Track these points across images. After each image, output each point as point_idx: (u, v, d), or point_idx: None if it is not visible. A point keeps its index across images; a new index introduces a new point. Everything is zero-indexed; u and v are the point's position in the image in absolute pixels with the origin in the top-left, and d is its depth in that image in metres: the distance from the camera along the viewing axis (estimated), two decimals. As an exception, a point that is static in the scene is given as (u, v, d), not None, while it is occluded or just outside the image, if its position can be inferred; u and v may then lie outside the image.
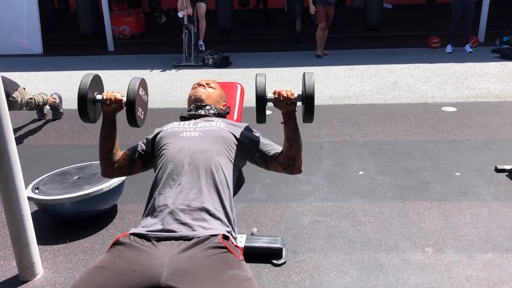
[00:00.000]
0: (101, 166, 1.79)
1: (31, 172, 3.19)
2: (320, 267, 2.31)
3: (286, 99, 1.66)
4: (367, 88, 5.66)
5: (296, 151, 1.71)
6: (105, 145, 1.75)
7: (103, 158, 1.77)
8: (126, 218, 2.85)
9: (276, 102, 1.67)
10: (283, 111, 1.70)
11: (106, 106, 1.71)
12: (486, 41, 8.06)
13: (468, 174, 3.29)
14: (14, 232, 2.20)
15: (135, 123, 1.74)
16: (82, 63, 7.58)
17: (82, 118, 1.70)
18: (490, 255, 2.36)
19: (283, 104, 1.67)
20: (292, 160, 1.72)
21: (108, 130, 1.74)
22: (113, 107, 1.71)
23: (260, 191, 3.13)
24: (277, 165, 1.74)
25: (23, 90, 4.15)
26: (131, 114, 1.71)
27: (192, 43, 7.34)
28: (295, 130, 1.71)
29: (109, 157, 1.76)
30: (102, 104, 1.71)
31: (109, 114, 1.72)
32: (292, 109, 1.69)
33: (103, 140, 1.75)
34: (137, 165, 1.81)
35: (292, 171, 1.75)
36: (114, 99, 1.70)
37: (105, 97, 1.70)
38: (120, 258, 1.39)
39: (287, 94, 1.66)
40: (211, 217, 1.52)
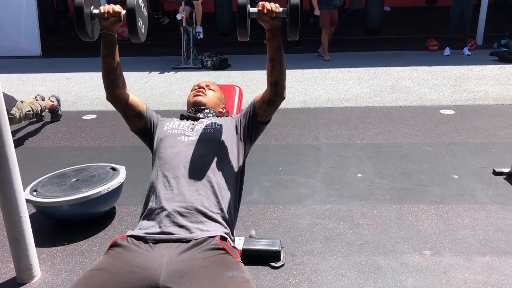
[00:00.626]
0: (105, 89, 1.73)
1: (29, 174, 3.18)
2: (318, 270, 2.31)
3: (270, 12, 1.56)
4: (365, 90, 5.67)
5: (279, 73, 1.67)
6: (106, 64, 1.69)
7: (106, 80, 1.71)
8: (124, 220, 2.84)
9: (259, 15, 1.58)
10: (267, 26, 1.61)
11: (104, 20, 1.63)
12: (484, 44, 8.08)
13: (466, 177, 3.29)
14: (12, 234, 2.20)
15: (137, 36, 1.66)
16: (80, 65, 7.57)
17: (80, 34, 1.63)
18: (488, 258, 2.36)
19: (267, 18, 1.58)
20: (274, 85, 1.68)
21: (108, 47, 1.67)
22: (111, 20, 1.63)
23: (259, 194, 3.13)
24: (262, 104, 1.73)
25: (21, 104, 4.07)
26: (132, 26, 1.61)
27: (190, 45, 7.35)
28: (278, 48, 1.65)
29: (112, 78, 1.70)
30: (100, 18, 1.64)
31: (108, 29, 1.65)
32: (277, 25, 1.61)
33: (103, 59, 1.69)
34: (139, 122, 1.78)
35: (276, 99, 1.70)
36: (113, 11, 1.62)
37: (102, 11, 1.63)
38: (118, 260, 1.39)
39: (271, 6, 1.56)
40: (208, 220, 1.52)
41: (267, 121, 1.79)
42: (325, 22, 7.36)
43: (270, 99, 1.71)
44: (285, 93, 1.71)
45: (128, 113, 1.77)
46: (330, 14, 7.26)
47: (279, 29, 1.62)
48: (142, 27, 1.71)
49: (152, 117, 1.82)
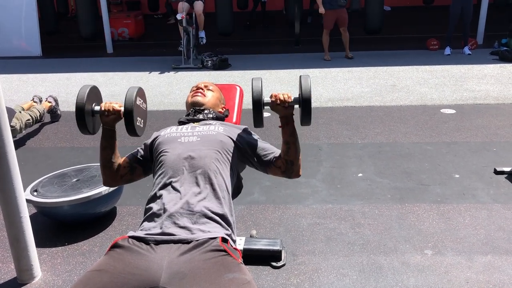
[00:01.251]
0: (103, 176, 1.79)
1: (30, 174, 3.18)
2: (320, 270, 2.30)
3: (283, 102, 1.64)
4: (366, 90, 5.66)
5: (294, 154, 1.70)
6: (105, 155, 1.75)
7: (104, 168, 1.76)
8: (125, 221, 2.84)
9: (273, 105, 1.66)
10: (280, 114, 1.68)
11: (104, 117, 1.70)
12: (485, 43, 8.07)
13: (467, 176, 3.29)
14: (12, 234, 2.19)
15: (134, 133, 1.73)
16: (81, 65, 7.58)
17: (81, 130, 1.70)
18: (490, 257, 2.36)
19: (280, 108, 1.65)
20: (290, 163, 1.71)
21: (108, 141, 1.74)
22: (111, 118, 1.70)
23: (259, 193, 3.13)
24: (276, 169, 1.73)
25: (20, 114, 4.06)
26: (129, 125, 1.70)
27: (191, 45, 7.35)
28: (292, 133, 1.70)
29: (110, 166, 1.76)
30: (101, 115, 1.71)
31: (108, 125, 1.72)
32: (290, 112, 1.68)
33: (103, 150, 1.74)
34: (137, 172, 1.80)
35: (291, 175, 1.73)
36: (112, 110, 1.69)
37: (103, 109, 1.69)
38: (118, 261, 1.38)
39: (284, 97, 1.64)
40: (209, 221, 1.51)
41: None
42: (327, 23, 7.34)
43: (286, 174, 1.72)
44: (301, 171, 1.74)
45: (130, 179, 1.81)
46: (335, 14, 7.23)
47: (291, 116, 1.69)
48: (141, 123, 1.80)
49: (142, 152, 1.81)
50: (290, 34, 9.18)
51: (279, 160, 1.72)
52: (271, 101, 1.65)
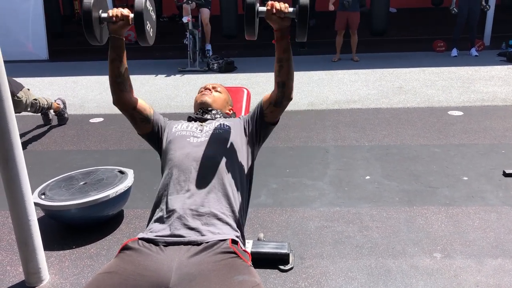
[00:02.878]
0: (112, 94, 1.72)
1: (37, 177, 3.19)
2: (328, 273, 2.29)
3: (279, 12, 1.54)
4: (372, 92, 5.64)
5: (287, 73, 1.66)
6: (114, 68, 1.68)
7: (114, 84, 1.70)
8: (132, 224, 2.84)
9: (268, 15, 1.55)
10: (275, 26, 1.59)
11: (112, 24, 1.63)
12: (492, 45, 8.04)
13: (476, 178, 3.26)
14: (20, 237, 2.20)
15: (145, 39, 1.66)
16: (87, 68, 7.61)
17: (88, 37, 1.62)
18: (500, 261, 2.33)
19: (276, 18, 1.55)
20: (281, 85, 1.66)
21: (116, 51, 1.66)
22: (120, 24, 1.62)
23: (266, 196, 3.12)
24: (269, 105, 1.71)
25: (28, 90, 4.18)
26: (140, 30, 1.61)
27: (196, 48, 7.36)
28: (287, 49, 1.64)
29: (120, 82, 1.69)
30: (108, 22, 1.64)
31: (116, 32, 1.64)
32: (285, 25, 1.59)
33: (111, 63, 1.68)
34: (146, 126, 1.77)
35: (283, 100, 1.69)
36: (121, 15, 1.61)
37: (111, 14, 1.62)
38: (128, 263, 1.38)
39: (281, 6, 1.54)
40: (219, 222, 1.51)
41: (274, 122, 1.78)
42: (337, 25, 7.36)
43: (277, 100, 1.69)
44: (292, 94, 1.70)
45: (136, 117, 1.76)
46: (345, 16, 7.22)
47: (287, 29, 1.61)
48: (151, 30, 1.71)
49: (159, 120, 1.81)
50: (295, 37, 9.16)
51: (267, 97, 1.72)
52: (267, 10, 1.55)
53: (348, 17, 7.22)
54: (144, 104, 1.78)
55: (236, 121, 1.82)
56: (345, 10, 7.17)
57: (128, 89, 1.72)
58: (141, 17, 1.61)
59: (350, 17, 7.22)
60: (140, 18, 1.61)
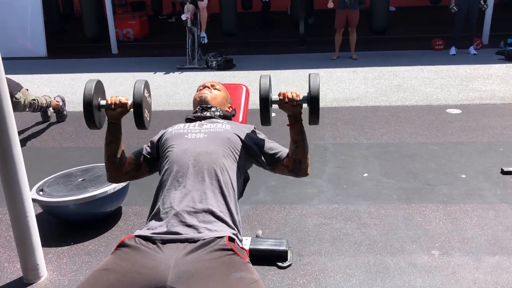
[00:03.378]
0: (107, 171, 1.77)
1: (36, 174, 3.18)
2: (326, 270, 2.29)
3: (291, 101, 1.63)
4: (371, 90, 5.65)
5: (302, 153, 1.69)
6: (110, 150, 1.73)
7: (109, 163, 1.75)
8: (130, 220, 2.84)
9: (281, 103, 1.65)
10: (288, 113, 1.67)
11: (111, 110, 1.69)
12: (490, 43, 8.03)
13: (474, 176, 3.27)
14: (18, 234, 2.19)
15: (143, 125, 1.73)
16: (85, 65, 7.60)
17: (89, 125, 1.69)
18: (498, 258, 2.34)
19: (288, 106, 1.64)
20: (298, 162, 1.70)
21: (113, 135, 1.72)
22: (118, 111, 1.69)
23: (265, 193, 3.12)
24: (283, 168, 1.73)
25: (26, 91, 4.16)
26: (139, 117, 1.70)
27: (195, 46, 7.35)
28: (300, 132, 1.69)
29: (115, 161, 1.74)
30: (107, 109, 1.70)
31: (114, 118, 1.71)
32: (298, 111, 1.67)
33: (108, 145, 1.73)
34: (142, 169, 1.79)
35: (298, 174, 1.72)
36: (119, 103, 1.68)
37: (109, 102, 1.69)
38: (125, 260, 1.38)
39: (292, 95, 1.63)
40: (216, 219, 1.50)
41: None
42: (337, 23, 7.35)
43: (294, 173, 1.72)
44: (309, 169, 1.73)
45: (137, 177, 1.81)
46: (345, 14, 7.21)
47: (300, 114, 1.68)
48: (148, 116, 1.79)
49: (149, 149, 1.80)
50: (294, 35, 9.17)
51: (287, 159, 1.72)
52: (279, 99, 1.64)
53: (348, 15, 7.21)
54: (135, 162, 1.77)
55: (240, 127, 1.81)
56: (345, 8, 7.16)
57: (121, 164, 1.76)
58: (140, 108, 1.68)
59: (349, 15, 7.21)
60: (139, 109, 1.68)
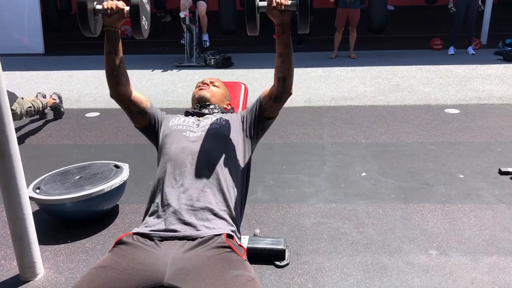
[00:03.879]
0: (109, 87, 1.71)
1: (32, 171, 3.17)
2: (323, 269, 2.29)
3: (279, 5, 1.53)
4: (369, 89, 5.64)
5: (288, 68, 1.65)
6: (110, 61, 1.67)
7: (110, 77, 1.69)
8: (127, 218, 2.83)
9: (269, 8, 1.54)
10: (276, 20, 1.59)
11: (107, 16, 1.61)
12: (489, 43, 8.04)
13: (472, 176, 3.27)
14: (15, 231, 2.18)
15: (140, 32, 1.65)
16: (83, 63, 7.57)
17: (83, 29, 1.60)
18: (495, 258, 2.34)
19: (276, 12, 1.54)
20: (282, 80, 1.66)
21: (112, 44, 1.65)
22: (115, 17, 1.60)
23: (262, 192, 3.11)
24: (268, 100, 1.71)
25: (22, 100, 4.06)
26: (136, 23, 1.61)
27: (194, 43, 7.33)
28: (288, 44, 1.63)
29: (116, 75, 1.68)
30: (104, 14, 1.62)
31: (111, 25, 1.62)
32: (286, 19, 1.58)
33: (107, 56, 1.66)
34: (143, 119, 1.77)
35: (283, 95, 1.69)
36: (116, 8, 1.60)
37: (106, 6, 1.60)
38: (123, 257, 1.37)
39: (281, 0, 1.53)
40: (214, 217, 1.50)
41: (273, 117, 1.77)
42: (337, 21, 7.34)
43: (277, 95, 1.69)
44: (292, 89, 1.70)
45: (132, 110, 1.75)
46: (345, 13, 7.20)
47: (288, 23, 1.60)
48: (146, 24, 1.70)
49: (156, 114, 1.81)
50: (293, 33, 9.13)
51: (266, 93, 1.72)
52: (267, 4, 1.54)
53: (349, 14, 7.20)
54: (141, 96, 1.77)
55: (234, 116, 1.81)
56: (345, 7, 7.15)
57: (124, 82, 1.71)
58: (137, 12, 1.60)
59: (350, 14, 7.21)
60: (136, 12, 1.60)
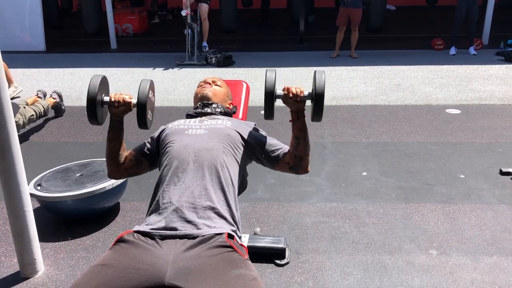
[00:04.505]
0: (108, 167, 1.77)
1: (33, 168, 3.17)
2: (324, 268, 2.29)
3: (295, 96, 1.64)
4: (370, 89, 5.64)
5: (303, 150, 1.70)
6: (112, 147, 1.73)
7: (110, 160, 1.75)
8: (128, 216, 2.83)
9: (285, 98, 1.65)
10: (292, 108, 1.68)
11: (114, 108, 1.68)
12: (490, 44, 8.03)
13: (473, 176, 3.27)
14: (16, 228, 2.18)
15: (145, 125, 1.72)
16: (84, 60, 7.57)
17: (91, 120, 1.68)
18: (496, 258, 2.34)
19: (292, 101, 1.65)
20: (298, 159, 1.70)
21: (115, 133, 1.72)
22: (121, 109, 1.68)
23: (263, 191, 3.11)
24: (283, 165, 1.73)
25: (24, 109, 4.05)
26: (142, 118, 1.69)
27: (195, 42, 7.33)
28: (303, 128, 1.69)
29: (116, 157, 1.74)
30: (110, 106, 1.68)
31: (117, 116, 1.70)
32: (301, 107, 1.67)
33: (109, 142, 1.72)
34: (143, 165, 1.79)
35: (298, 171, 1.73)
36: (123, 101, 1.67)
37: (113, 99, 1.67)
38: (123, 256, 1.37)
39: (297, 91, 1.64)
40: (216, 216, 1.50)
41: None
42: (338, 20, 7.33)
43: (294, 169, 1.72)
44: (309, 167, 1.73)
45: (139, 173, 1.82)
46: (346, 12, 7.18)
47: (302, 111, 1.68)
48: (151, 116, 1.78)
49: (149, 145, 1.80)
50: (294, 32, 9.15)
51: (287, 155, 1.72)
52: (284, 94, 1.64)
53: (349, 13, 7.19)
54: (136, 158, 1.78)
55: (241, 123, 1.80)
56: (347, 6, 7.14)
57: (122, 161, 1.76)
58: (144, 109, 1.67)
59: (351, 13, 7.19)
60: (143, 110, 1.67)
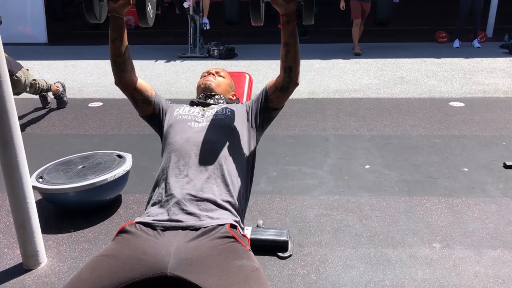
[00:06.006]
0: (113, 73, 1.70)
1: (35, 160, 3.17)
2: (326, 261, 2.28)
3: None
4: (374, 82, 5.61)
5: (293, 58, 1.63)
6: (114, 48, 1.65)
7: (114, 64, 1.68)
8: (130, 208, 2.83)
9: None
10: (281, 10, 1.57)
11: (112, 2, 1.59)
12: (495, 37, 7.98)
13: (476, 170, 3.25)
14: (18, 220, 2.18)
15: (146, 20, 1.63)
16: (86, 52, 7.54)
17: (88, 15, 1.58)
18: (499, 252, 2.33)
19: (281, 1, 1.52)
20: (288, 70, 1.64)
21: (117, 30, 1.63)
22: (120, 3, 1.58)
23: (266, 184, 3.10)
24: (275, 90, 1.70)
25: (27, 71, 4.15)
26: (141, 10, 1.59)
27: (197, 34, 7.30)
28: (293, 34, 1.60)
29: (120, 62, 1.67)
30: (109, 0, 1.59)
31: (116, 11, 1.60)
32: (291, 8, 1.55)
33: (111, 42, 1.64)
34: (147, 108, 1.76)
35: (289, 85, 1.67)
36: None
37: None
38: (126, 246, 1.36)
39: None
40: (218, 208, 1.49)
41: (279, 108, 1.76)
42: (353, 14, 7.15)
43: (283, 85, 1.67)
44: (299, 79, 1.67)
45: (137, 98, 1.74)
46: (360, 6, 7.08)
47: (293, 13, 1.57)
48: (151, 12, 1.68)
49: (161, 103, 1.80)
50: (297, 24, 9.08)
51: (274, 81, 1.70)
52: None
53: (363, 7, 7.11)
54: (146, 85, 1.76)
55: (239, 107, 1.79)
56: (360, 0, 7.04)
57: (129, 69, 1.70)
58: (143, 0, 1.58)
59: (364, 7, 7.11)
60: (142, 1, 1.58)
